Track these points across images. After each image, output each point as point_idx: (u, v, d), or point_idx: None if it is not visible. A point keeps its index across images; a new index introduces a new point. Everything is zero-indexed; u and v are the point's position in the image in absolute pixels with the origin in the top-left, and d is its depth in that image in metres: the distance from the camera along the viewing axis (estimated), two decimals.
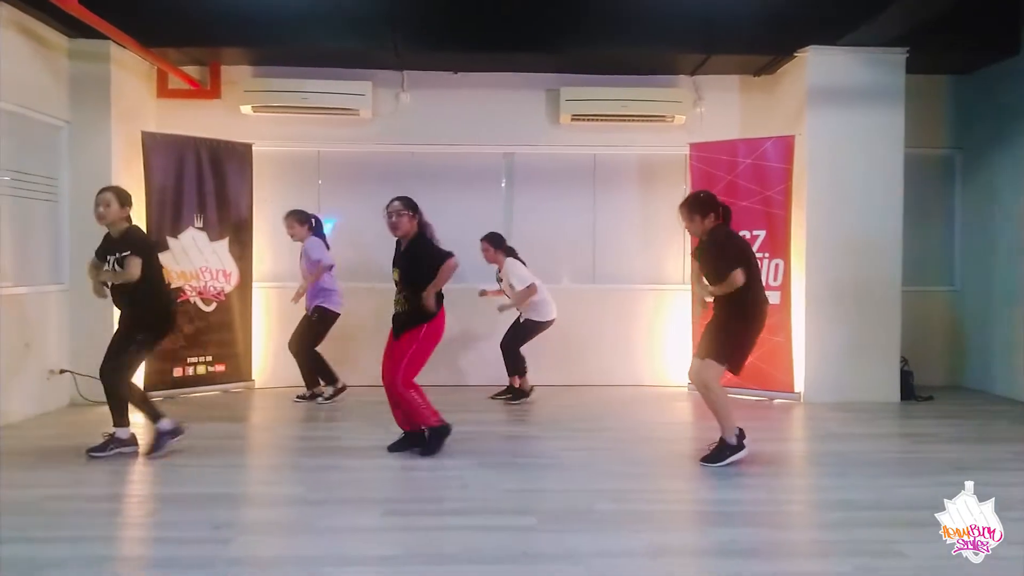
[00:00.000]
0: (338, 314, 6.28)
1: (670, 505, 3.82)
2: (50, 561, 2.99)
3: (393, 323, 4.61)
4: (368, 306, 6.65)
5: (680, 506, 3.84)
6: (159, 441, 4.55)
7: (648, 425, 5.69)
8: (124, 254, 4.46)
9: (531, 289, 6.20)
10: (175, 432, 4.61)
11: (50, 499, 3.76)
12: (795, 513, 3.78)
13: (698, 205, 4.59)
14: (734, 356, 4.41)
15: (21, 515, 3.52)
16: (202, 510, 3.62)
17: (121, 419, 4.58)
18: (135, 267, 4.43)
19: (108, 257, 4.57)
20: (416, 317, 4.50)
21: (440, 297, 4.58)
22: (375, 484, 4.10)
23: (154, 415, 4.57)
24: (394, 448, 4.64)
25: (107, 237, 4.64)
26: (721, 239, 4.51)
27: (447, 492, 3.92)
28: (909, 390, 6.61)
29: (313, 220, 6.38)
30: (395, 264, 4.65)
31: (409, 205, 4.61)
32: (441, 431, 4.62)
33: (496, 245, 6.40)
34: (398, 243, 4.71)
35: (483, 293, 6.57)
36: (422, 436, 4.61)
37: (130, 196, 4.76)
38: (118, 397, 4.56)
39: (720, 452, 4.42)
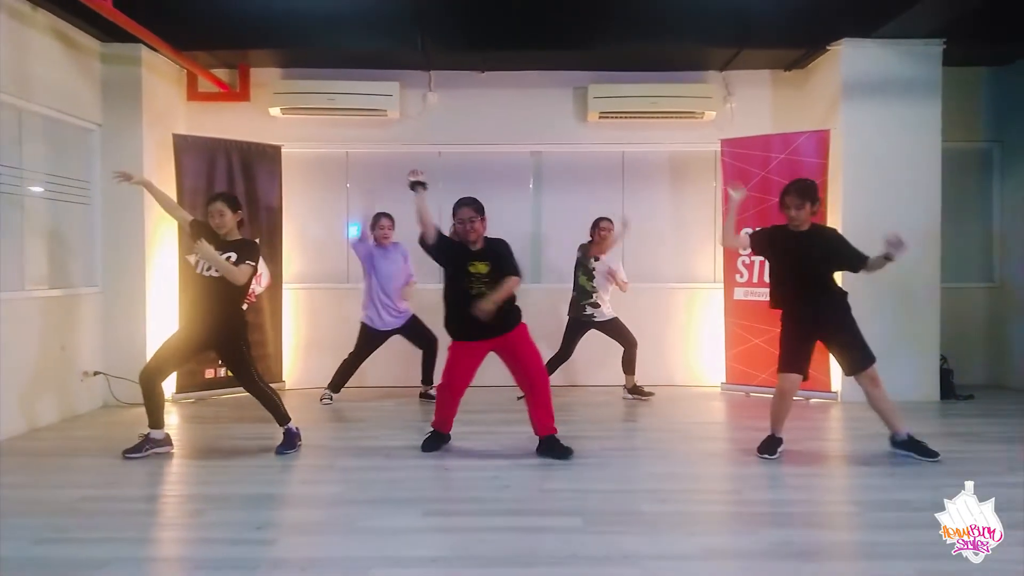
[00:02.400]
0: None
1: (719, 506, 3.73)
2: (91, 562, 2.97)
3: (481, 323, 4.40)
4: None
5: (728, 507, 3.75)
6: (144, 446, 4.56)
7: (684, 424, 5.60)
8: (232, 255, 4.47)
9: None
10: (164, 443, 4.62)
11: (87, 500, 3.75)
12: (848, 514, 3.67)
13: (812, 192, 4.46)
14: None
15: (60, 516, 3.51)
16: (243, 510, 3.59)
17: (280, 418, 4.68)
18: (245, 274, 4.45)
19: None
20: (514, 315, 4.55)
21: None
22: (413, 484, 4.04)
23: (158, 421, 4.57)
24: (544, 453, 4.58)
25: (214, 235, 4.58)
26: (831, 229, 4.62)
27: (486, 492, 3.87)
28: (949, 388, 6.47)
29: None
30: (476, 258, 4.49)
31: (480, 209, 4.55)
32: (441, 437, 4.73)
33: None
34: (454, 239, 4.61)
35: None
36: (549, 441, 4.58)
37: (238, 200, 4.82)
38: (265, 397, 4.67)
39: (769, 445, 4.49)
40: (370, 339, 6.28)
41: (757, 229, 4.95)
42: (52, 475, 4.20)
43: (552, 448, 4.53)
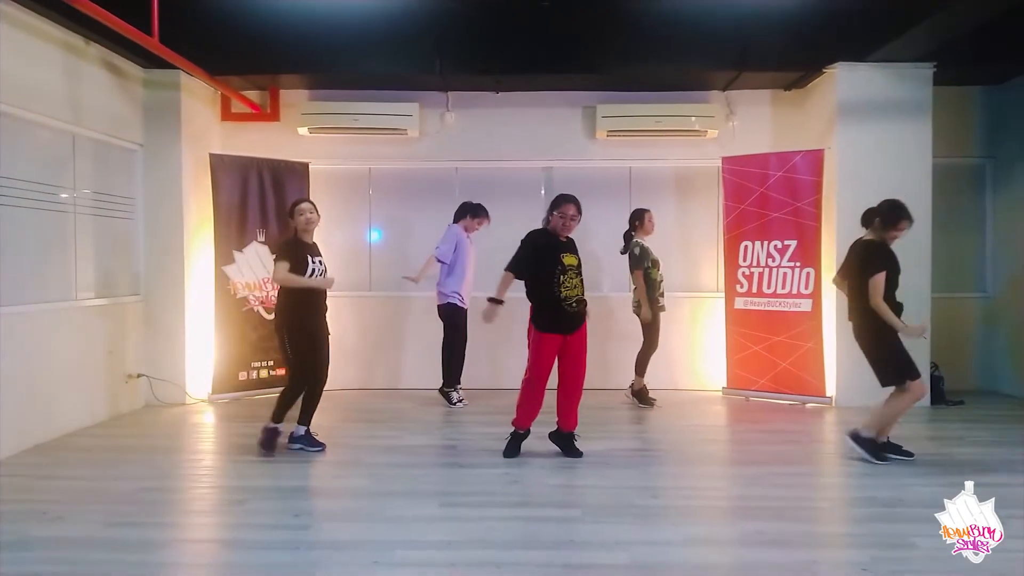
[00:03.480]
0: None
1: (705, 501, 4.13)
2: (154, 543, 3.45)
3: (572, 313, 4.79)
4: (415, 313, 7.06)
5: (713, 502, 4.14)
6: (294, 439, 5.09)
7: (684, 427, 5.98)
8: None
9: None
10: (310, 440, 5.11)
11: (144, 490, 4.24)
12: (820, 508, 4.06)
13: None
14: None
15: (122, 503, 3.99)
16: (281, 500, 4.05)
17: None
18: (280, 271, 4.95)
19: (313, 260, 5.00)
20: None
21: None
22: (431, 479, 4.49)
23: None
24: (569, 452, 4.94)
25: (304, 244, 5.04)
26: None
27: (497, 487, 4.30)
28: (940, 394, 6.81)
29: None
30: (565, 250, 4.89)
31: (580, 207, 4.99)
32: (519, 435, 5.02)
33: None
34: (548, 233, 4.96)
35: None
36: (569, 437, 4.97)
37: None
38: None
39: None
40: (462, 317, 6.67)
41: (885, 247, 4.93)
42: (109, 468, 4.69)
43: (568, 444, 4.95)
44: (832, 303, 6.70)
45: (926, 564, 3.17)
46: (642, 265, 6.59)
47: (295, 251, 4.95)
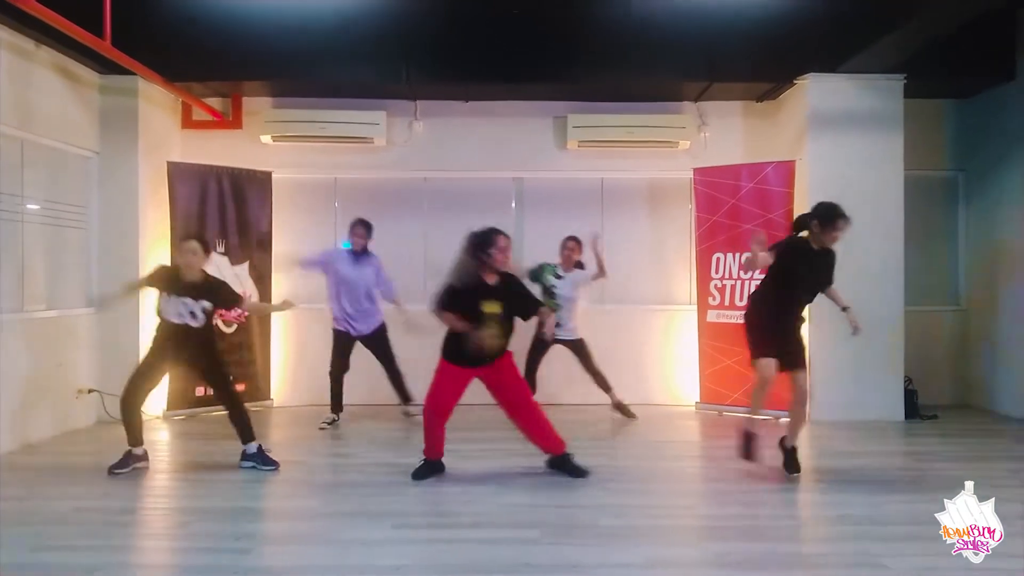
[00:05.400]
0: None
1: (671, 520, 3.96)
2: (83, 567, 3.22)
3: (481, 352, 4.43)
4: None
5: (681, 521, 3.98)
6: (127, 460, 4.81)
7: (656, 443, 5.83)
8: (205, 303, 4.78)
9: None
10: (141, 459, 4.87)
11: (79, 510, 4.00)
12: (789, 528, 3.92)
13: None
14: None
15: (54, 525, 3.76)
16: (225, 522, 3.83)
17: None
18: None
19: (180, 298, 4.73)
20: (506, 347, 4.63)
21: None
22: (384, 499, 4.27)
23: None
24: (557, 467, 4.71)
25: (177, 276, 4.77)
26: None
27: (452, 507, 4.11)
28: (913, 408, 6.72)
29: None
30: (487, 297, 4.46)
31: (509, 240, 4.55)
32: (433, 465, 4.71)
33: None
34: (473, 276, 4.49)
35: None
36: (564, 458, 4.70)
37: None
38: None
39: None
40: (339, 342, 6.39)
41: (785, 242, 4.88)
42: (47, 487, 4.44)
43: (567, 466, 4.64)
44: (806, 317, 6.59)
45: None
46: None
47: (156, 279, 4.79)
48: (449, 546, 3.48)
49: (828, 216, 4.67)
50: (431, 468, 4.69)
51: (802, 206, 6.58)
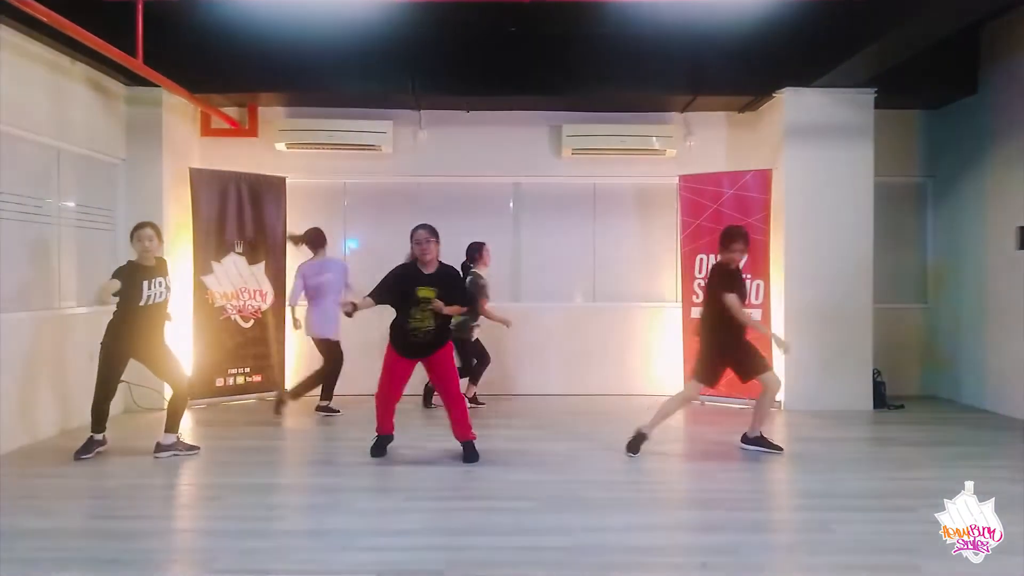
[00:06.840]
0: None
1: (651, 493, 4.47)
2: (137, 532, 3.73)
3: (415, 339, 5.03)
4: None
5: (659, 494, 4.49)
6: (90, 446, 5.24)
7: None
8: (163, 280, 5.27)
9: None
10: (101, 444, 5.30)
11: (126, 487, 4.51)
12: (754, 499, 4.43)
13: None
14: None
15: (106, 499, 4.27)
16: (255, 496, 4.34)
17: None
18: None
19: (151, 283, 5.19)
20: (446, 336, 5.17)
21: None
22: (398, 476, 4.79)
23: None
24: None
25: (140, 267, 5.21)
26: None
27: (459, 483, 4.62)
28: (881, 399, 7.23)
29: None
30: (423, 284, 4.98)
31: (435, 232, 5.10)
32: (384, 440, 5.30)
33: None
34: (413, 266, 5.09)
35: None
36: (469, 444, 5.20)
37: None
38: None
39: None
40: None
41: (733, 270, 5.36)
42: (91, 468, 4.94)
43: (471, 453, 5.14)
44: (781, 313, 7.12)
45: (840, 546, 3.54)
46: (487, 295, 6.84)
47: (128, 276, 5.15)
48: (454, 514, 3.99)
49: (725, 239, 5.29)
50: (382, 442, 5.28)
51: (779, 212, 7.11)
